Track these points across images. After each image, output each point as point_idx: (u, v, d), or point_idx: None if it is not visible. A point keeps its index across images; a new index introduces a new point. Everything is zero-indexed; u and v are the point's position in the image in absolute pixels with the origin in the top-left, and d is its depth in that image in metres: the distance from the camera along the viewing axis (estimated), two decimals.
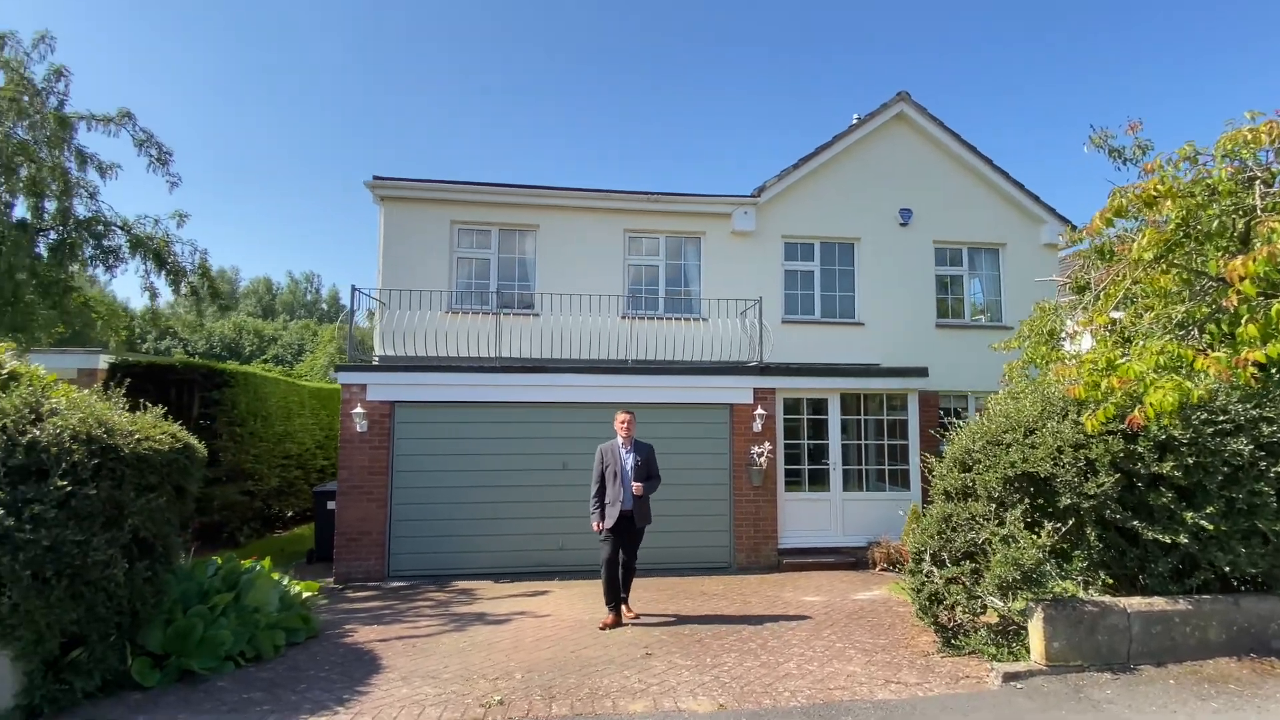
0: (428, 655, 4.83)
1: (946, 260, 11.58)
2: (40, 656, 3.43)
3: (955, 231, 11.43)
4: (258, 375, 10.85)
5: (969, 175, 11.51)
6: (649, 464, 6.23)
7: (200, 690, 3.98)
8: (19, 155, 7.20)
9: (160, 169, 8.03)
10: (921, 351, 10.67)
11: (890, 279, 11.21)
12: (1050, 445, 4.21)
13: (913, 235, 11.37)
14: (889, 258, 11.27)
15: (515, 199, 10.61)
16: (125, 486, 3.79)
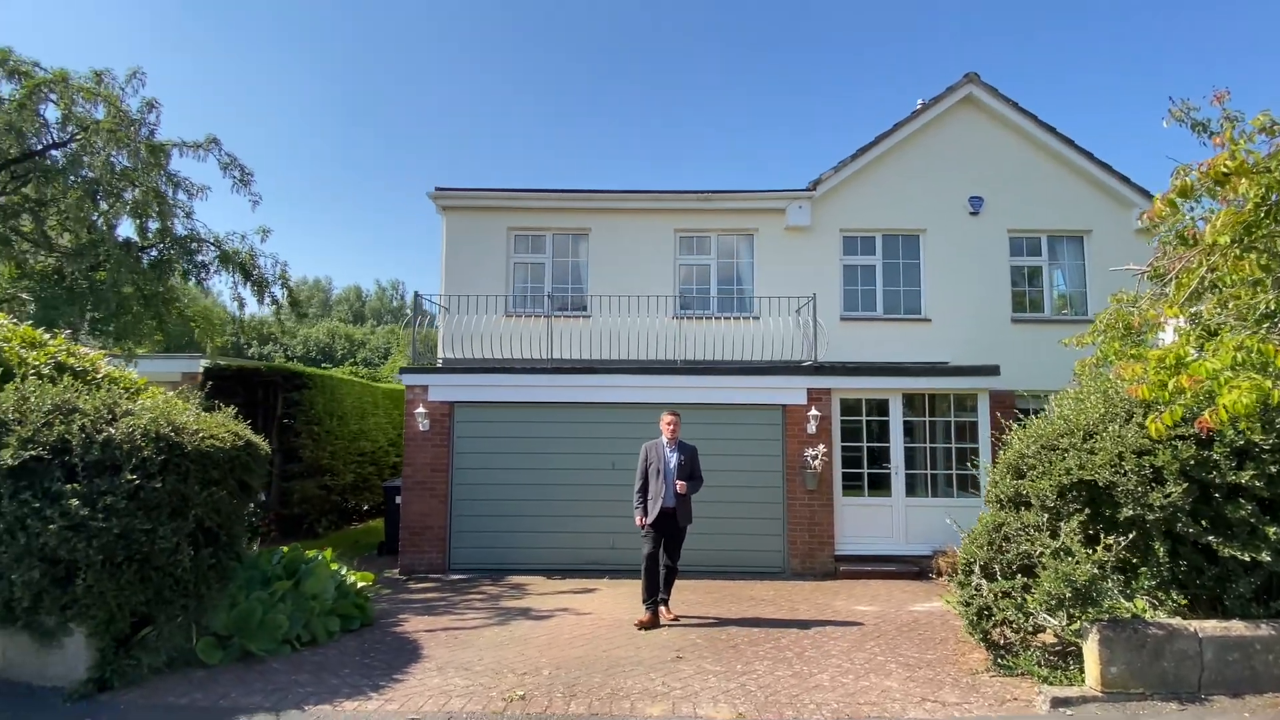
0: (466, 647, 5.00)
1: (1023, 250, 10.79)
2: (111, 634, 3.83)
3: (1033, 219, 10.64)
4: (333, 377, 11.61)
5: (1047, 158, 10.68)
6: (691, 464, 6.25)
7: (255, 670, 4.30)
8: (123, 181, 8.01)
9: (243, 189, 8.75)
10: (995, 348, 9.99)
11: (960, 272, 10.58)
12: (1111, 451, 3.83)
13: (984, 224, 10.67)
14: (958, 249, 10.63)
15: (568, 204, 10.81)
16: (190, 480, 4.16)
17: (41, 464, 3.71)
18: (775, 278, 10.58)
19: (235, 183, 8.58)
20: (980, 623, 4.35)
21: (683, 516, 6.23)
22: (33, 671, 3.79)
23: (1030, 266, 10.80)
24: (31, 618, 3.67)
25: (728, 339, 10.25)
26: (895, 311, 10.79)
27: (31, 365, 4.89)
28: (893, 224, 10.79)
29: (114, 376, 5.64)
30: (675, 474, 6.14)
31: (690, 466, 6.24)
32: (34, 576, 3.57)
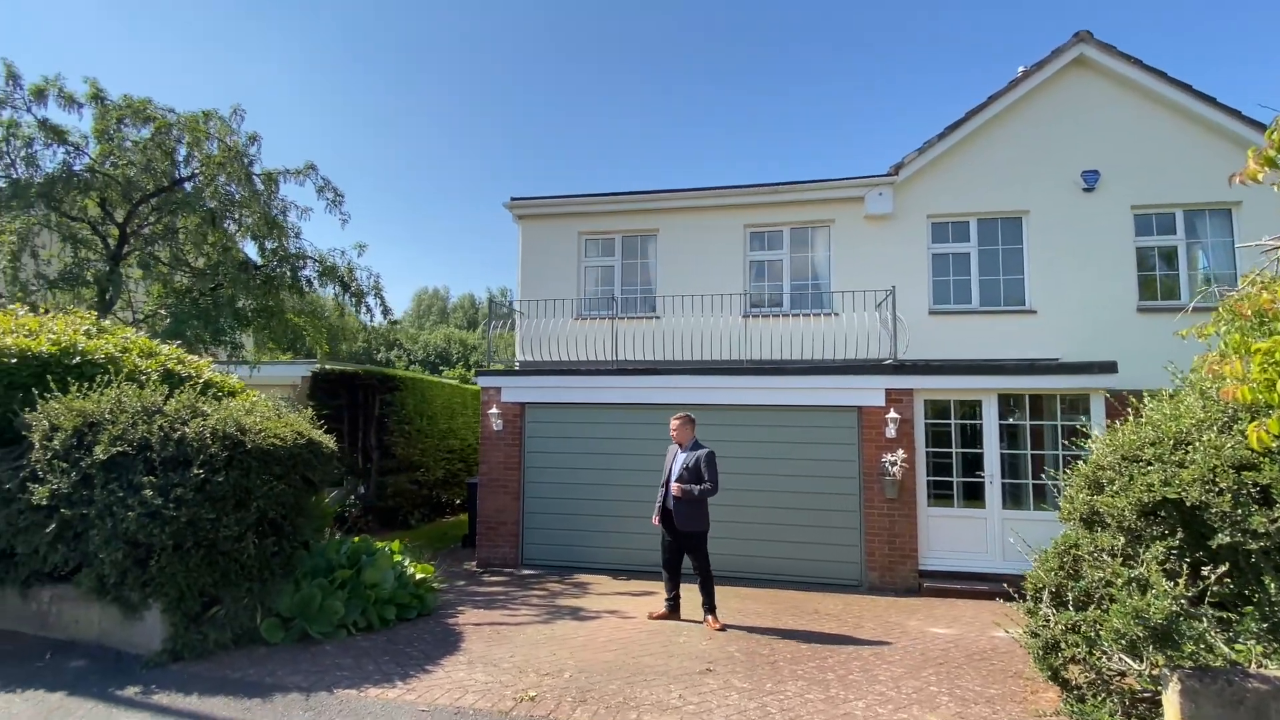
0: (504, 643, 5.13)
1: (1152, 228, 9.39)
2: (183, 611, 4.30)
3: (1164, 192, 9.23)
4: (423, 380, 12.40)
5: (1180, 121, 9.22)
6: (697, 468, 6.02)
7: (309, 651, 4.67)
8: (242, 208, 9.02)
9: (335, 209, 9.56)
10: (1119, 342, 8.79)
11: (1072, 256, 9.40)
12: (1204, 465, 3.20)
13: (1102, 201, 9.41)
14: (1069, 231, 9.45)
15: (636, 205, 10.81)
16: (252, 475, 4.59)
17: (127, 458, 4.25)
18: (854, 271, 9.96)
19: (329, 203, 9.39)
20: (1047, 658, 3.81)
21: (680, 520, 6.08)
22: (120, 639, 4.36)
23: (1162, 247, 9.37)
24: (119, 592, 4.22)
25: (802, 337, 9.79)
26: (994, 303, 9.79)
27: (143, 371, 5.64)
28: (989, 206, 9.80)
29: (214, 381, 6.36)
30: (674, 476, 6.06)
31: (697, 470, 6.01)
32: (119, 556, 4.11)
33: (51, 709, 3.50)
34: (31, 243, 7.70)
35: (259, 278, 9.28)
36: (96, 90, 8.22)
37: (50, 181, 7.74)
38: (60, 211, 8.31)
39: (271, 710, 3.61)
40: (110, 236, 8.62)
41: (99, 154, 8.34)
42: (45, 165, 8.12)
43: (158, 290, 9.45)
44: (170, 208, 8.63)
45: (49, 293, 7.74)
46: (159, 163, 8.22)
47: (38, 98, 7.78)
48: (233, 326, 8.61)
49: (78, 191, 8.16)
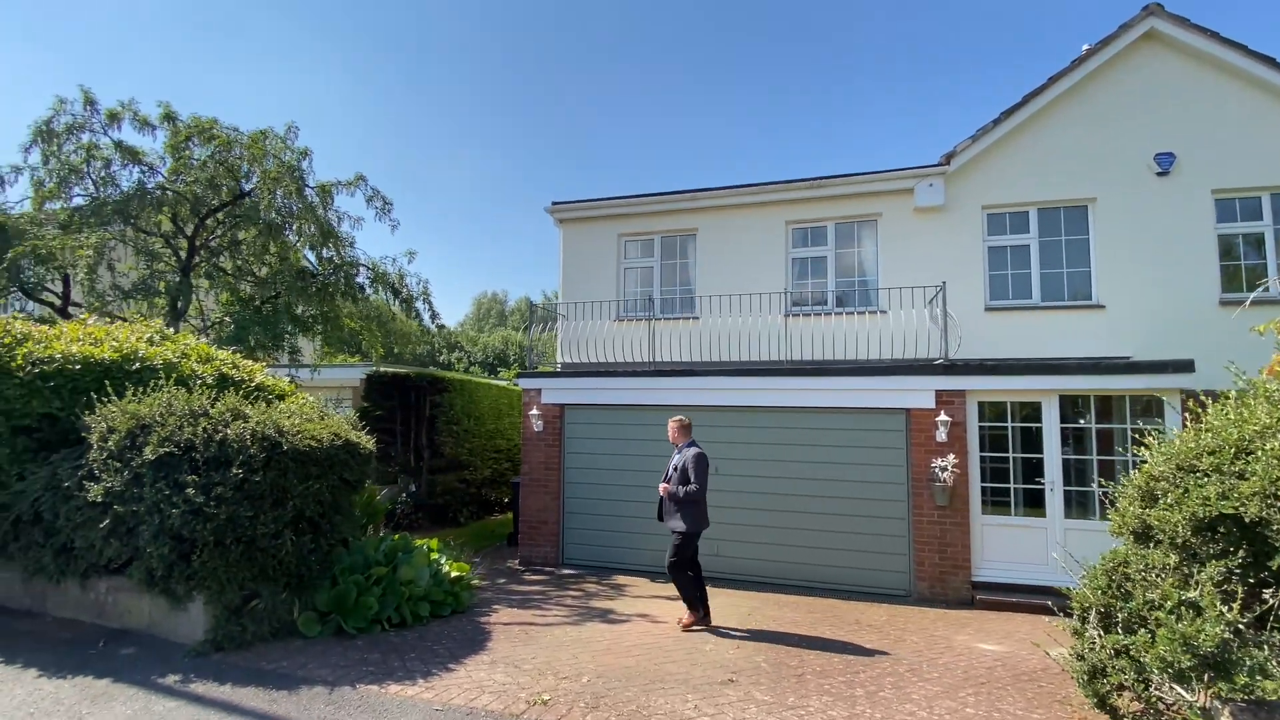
0: (529, 644, 5.16)
1: (1235, 214, 8.59)
2: (223, 604, 4.53)
3: (1249, 174, 8.42)
4: (471, 381, 12.71)
5: (1266, 97, 8.40)
6: (683, 469, 6.04)
7: (342, 646, 4.83)
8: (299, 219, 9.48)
9: (385, 216, 9.92)
10: (1198, 338, 8.10)
11: (1144, 246, 8.71)
12: (1266, 476, 2.86)
13: (1178, 186, 8.67)
14: (1141, 218, 8.77)
15: (675, 205, 10.73)
16: (289, 475, 4.79)
17: (173, 458, 4.51)
18: (903, 267, 9.56)
19: (378, 212, 9.75)
20: (1093, 683, 3.52)
21: (666, 516, 6.19)
22: (168, 629, 4.64)
23: (1248, 233, 8.55)
24: (165, 585, 4.49)
25: (847, 336, 9.47)
26: (1056, 298, 9.19)
27: (199, 376, 5.99)
28: (1051, 195, 9.20)
29: (265, 384, 6.69)
30: (662, 476, 6.27)
31: (684, 471, 6.02)
32: (165, 551, 4.37)
33: (96, 694, 3.76)
34: (108, 256, 8.34)
35: (315, 285, 9.72)
36: (169, 112, 8.83)
37: (126, 199, 8.36)
38: (136, 227, 8.95)
39: (295, 702, 3.75)
40: (181, 249, 9.22)
41: (171, 172, 8.95)
42: (122, 184, 8.75)
43: (226, 298, 10.06)
44: (234, 221, 9.16)
45: (124, 302, 8.36)
46: (222, 179, 8.73)
47: (113, 121, 8.42)
48: (291, 332, 9.04)
49: (151, 208, 8.77)
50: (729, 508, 8.61)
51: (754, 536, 8.50)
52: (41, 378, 4.80)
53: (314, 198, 9.42)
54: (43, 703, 3.63)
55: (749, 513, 8.53)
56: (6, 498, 4.82)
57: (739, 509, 8.56)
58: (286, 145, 8.89)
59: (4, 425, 4.74)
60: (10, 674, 3.98)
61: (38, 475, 4.77)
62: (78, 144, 8.57)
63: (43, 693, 3.75)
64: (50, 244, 7.67)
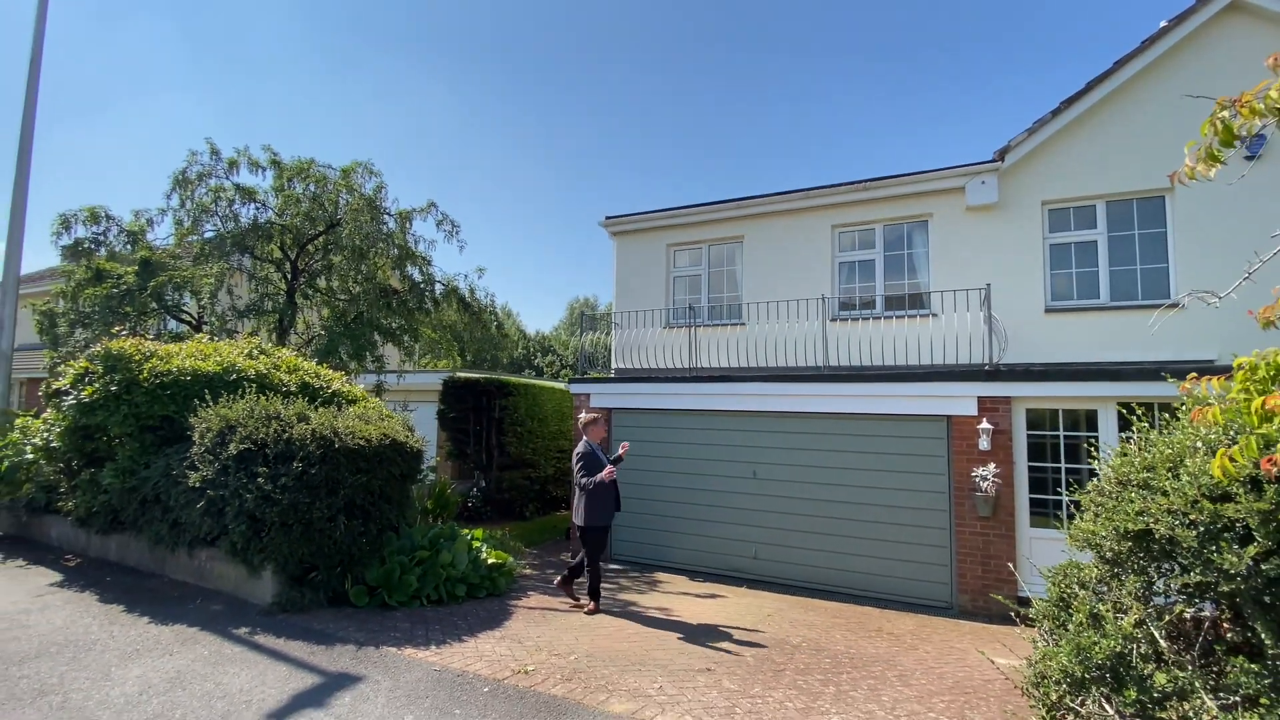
0: (541, 626, 5.74)
1: None
2: (287, 574, 5.48)
3: None
4: (536, 385, 13.62)
5: None
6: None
7: (382, 615, 5.65)
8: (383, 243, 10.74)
9: (453, 239, 11.00)
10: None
11: (1229, 239, 7.93)
12: (1185, 493, 2.83)
13: (1270, 170, 7.81)
14: (1225, 208, 7.99)
15: (722, 214, 10.99)
16: (341, 469, 5.68)
17: (250, 454, 5.53)
18: (955, 268, 9.26)
19: (447, 234, 10.82)
20: (1037, 690, 3.54)
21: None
22: (248, 592, 5.67)
23: None
24: (245, 556, 5.50)
25: (894, 341, 9.32)
26: (1129, 298, 8.54)
27: (285, 384, 7.14)
28: (1120, 187, 8.57)
29: (341, 390, 7.79)
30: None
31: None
32: (243, 528, 5.37)
33: (186, 639, 4.77)
34: (227, 282, 9.94)
35: (395, 301, 10.95)
36: (274, 157, 10.37)
37: (242, 233, 9.91)
38: (253, 255, 10.56)
39: (328, 655, 4.56)
40: (287, 274, 10.75)
41: (278, 208, 10.47)
42: (242, 219, 10.37)
43: (328, 315, 11.58)
44: (328, 248, 10.56)
45: (240, 321, 9.94)
46: (316, 211, 10.11)
47: (232, 167, 10.04)
48: (374, 344, 10.28)
49: (264, 239, 10.32)
50: (768, 511, 8.80)
51: (792, 541, 8.63)
52: (161, 387, 6.03)
53: (393, 224, 10.62)
54: (146, 642, 4.68)
55: (787, 517, 8.67)
56: (136, 482, 6.10)
57: (778, 513, 8.73)
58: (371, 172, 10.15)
59: (134, 425, 6.01)
60: (128, 619, 5.12)
61: (156, 465, 6.00)
62: (208, 188, 10.27)
63: (148, 635, 4.81)
64: (184, 274, 9.32)
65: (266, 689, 4.01)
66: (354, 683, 4.15)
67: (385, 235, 10.19)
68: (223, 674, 4.21)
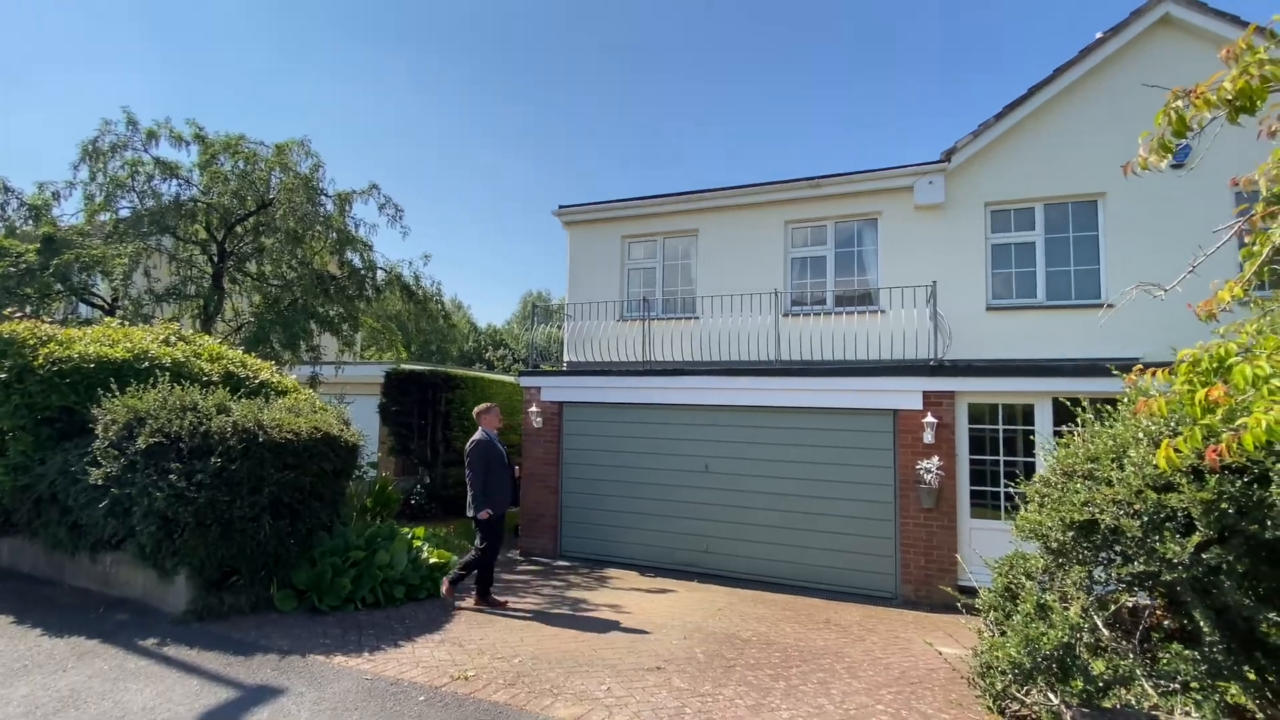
0: (485, 627, 5.49)
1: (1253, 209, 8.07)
2: (204, 578, 5.06)
3: None
4: (484, 379, 13.22)
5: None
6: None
7: (311, 621, 5.29)
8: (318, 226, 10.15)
9: (396, 223, 10.52)
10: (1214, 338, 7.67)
11: (1156, 242, 8.30)
12: (1129, 484, 2.86)
13: (1194, 179, 8.18)
14: (1153, 213, 8.37)
15: (676, 206, 10.87)
16: (266, 465, 5.28)
17: (161, 448, 5.07)
18: (904, 266, 9.41)
19: (390, 218, 10.33)
20: (983, 680, 3.56)
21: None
22: (158, 599, 5.21)
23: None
24: (155, 560, 5.04)
25: (845, 337, 9.40)
26: (1063, 297, 8.86)
27: (206, 374, 6.61)
28: (1057, 190, 8.87)
29: (270, 381, 7.28)
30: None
31: None
32: (153, 529, 4.92)
33: (84, 652, 4.31)
34: (144, 263, 9.19)
35: (334, 288, 10.39)
36: (198, 131, 9.64)
37: (162, 210, 9.19)
38: (176, 236, 9.81)
39: (247, 666, 4.20)
40: (213, 256, 10.04)
41: (204, 185, 9.75)
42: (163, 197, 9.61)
43: (260, 302, 10.89)
44: (259, 230, 9.91)
45: (158, 306, 9.21)
46: (245, 190, 9.46)
47: (151, 139, 9.28)
48: (307, 332, 9.71)
49: (187, 218, 9.59)
50: (720, 505, 8.75)
51: (743, 535, 8.61)
52: (60, 375, 5.47)
53: (331, 206, 10.06)
54: (36, 656, 4.21)
55: (739, 511, 8.65)
56: (29, 480, 5.51)
57: (729, 507, 8.69)
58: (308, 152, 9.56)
59: (28, 416, 5.43)
60: (17, 632, 4.61)
61: (53, 461, 5.44)
62: (123, 160, 9.46)
63: (39, 648, 4.33)
64: (93, 253, 8.56)
65: (173, 706, 3.64)
66: (274, 696, 3.82)
67: (323, 218, 9.64)
68: (123, 691, 3.80)
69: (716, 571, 8.66)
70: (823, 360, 9.21)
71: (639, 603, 6.91)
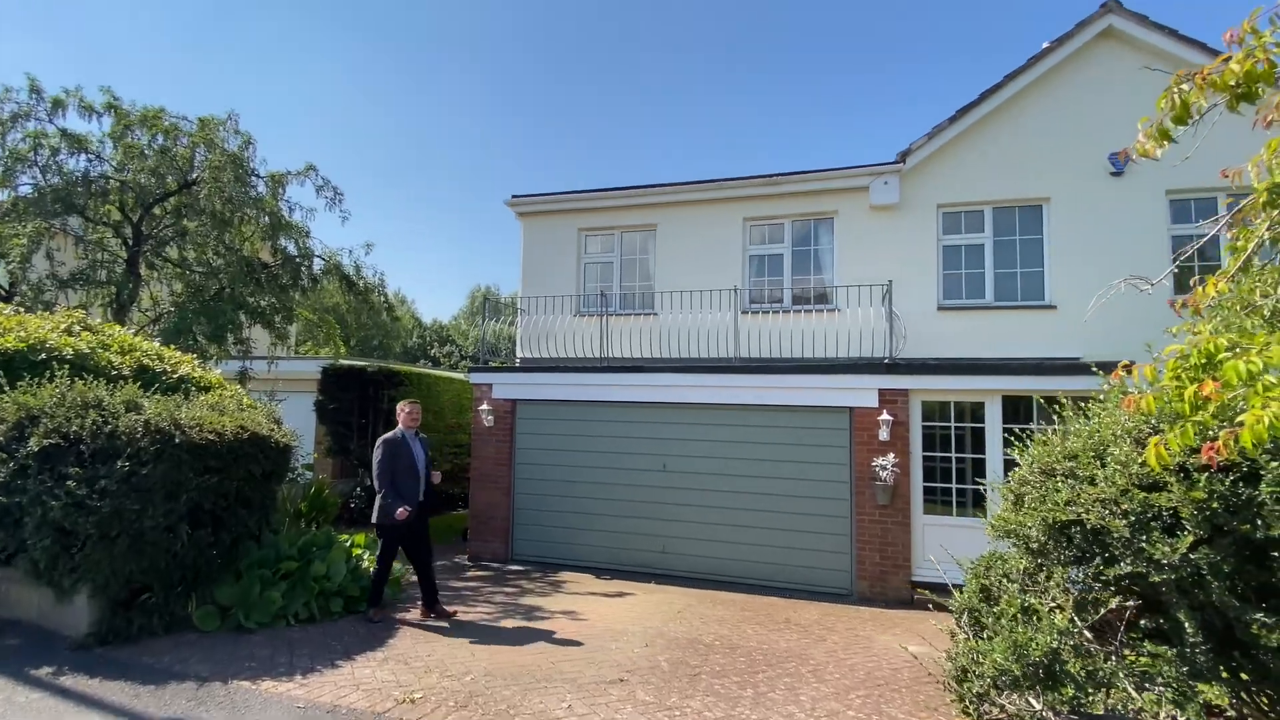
0: (433, 642, 5.11)
1: (1190, 215, 8.50)
2: (109, 597, 4.50)
3: (1204, 175, 8.26)
4: (430, 375, 12.65)
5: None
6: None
7: (236, 641, 4.79)
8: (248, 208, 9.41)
9: (335, 207, 9.87)
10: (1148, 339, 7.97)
11: (1096, 247, 8.61)
12: (1114, 483, 2.80)
13: (1131, 187, 8.57)
14: (1094, 219, 8.67)
15: (635, 200, 10.64)
16: (183, 469, 4.74)
17: (59, 450, 4.47)
18: (859, 265, 9.46)
19: (329, 201, 9.68)
20: (958, 686, 3.46)
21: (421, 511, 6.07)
22: (56, 621, 4.61)
23: (1201, 235, 8.43)
24: (50, 577, 4.45)
25: (803, 334, 9.38)
26: (1010, 298, 9.09)
27: (115, 367, 5.94)
28: (1006, 194, 9.10)
29: (190, 376, 6.64)
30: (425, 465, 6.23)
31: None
32: (48, 543, 4.33)
33: None
34: (46, 245, 8.28)
35: (266, 276, 9.66)
36: (112, 100, 8.76)
37: (69, 187, 8.29)
38: (84, 215, 8.89)
39: (157, 698, 3.71)
40: (127, 239, 9.16)
41: (118, 160, 8.87)
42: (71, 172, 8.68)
43: (182, 290, 10.01)
44: (180, 211, 9.10)
45: (62, 292, 8.32)
46: (165, 167, 8.66)
47: (58, 108, 8.36)
48: (235, 324, 8.99)
49: (98, 197, 8.70)
50: (677, 505, 8.57)
51: (701, 534, 8.47)
52: None
53: (263, 188, 9.35)
54: None
55: (696, 510, 8.50)
56: None
57: (687, 506, 8.53)
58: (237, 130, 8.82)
59: None
60: None
61: None
62: (25, 132, 8.50)
63: None
64: None
65: None
66: None
67: (253, 200, 8.93)
68: None
69: (674, 572, 8.48)
70: (781, 358, 9.16)
71: (597, 608, 6.64)
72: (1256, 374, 2.35)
